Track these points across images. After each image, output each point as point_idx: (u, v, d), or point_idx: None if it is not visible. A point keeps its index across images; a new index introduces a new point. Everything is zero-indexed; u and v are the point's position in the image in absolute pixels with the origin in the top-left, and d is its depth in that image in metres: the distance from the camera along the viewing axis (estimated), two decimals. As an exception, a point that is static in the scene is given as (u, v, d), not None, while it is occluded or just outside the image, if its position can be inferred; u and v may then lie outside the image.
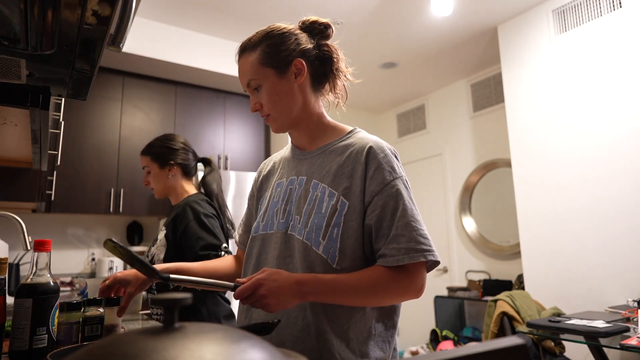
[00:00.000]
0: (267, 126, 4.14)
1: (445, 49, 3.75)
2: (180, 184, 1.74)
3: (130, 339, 0.28)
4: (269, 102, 0.95)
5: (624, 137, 2.60)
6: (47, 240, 0.96)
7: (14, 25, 0.61)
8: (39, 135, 1.17)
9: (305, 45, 0.97)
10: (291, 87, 0.96)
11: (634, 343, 1.61)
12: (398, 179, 0.90)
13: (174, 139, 1.76)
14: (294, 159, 1.05)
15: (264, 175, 1.13)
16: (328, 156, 0.97)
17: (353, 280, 0.83)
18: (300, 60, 0.95)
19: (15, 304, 0.90)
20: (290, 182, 1.00)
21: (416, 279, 0.85)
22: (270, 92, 0.95)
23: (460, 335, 3.90)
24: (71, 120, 3.16)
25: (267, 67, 0.94)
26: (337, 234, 0.87)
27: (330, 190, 0.91)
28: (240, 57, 0.98)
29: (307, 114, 0.99)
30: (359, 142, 0.95)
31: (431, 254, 0.85)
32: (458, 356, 0.28)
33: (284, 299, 0.78)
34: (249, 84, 0.96)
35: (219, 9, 3.20)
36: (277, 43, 0.95)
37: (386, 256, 0.85)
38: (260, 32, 0.97)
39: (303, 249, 0.89)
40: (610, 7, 2.73)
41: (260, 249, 0.99)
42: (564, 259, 2.83)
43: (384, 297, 0.87)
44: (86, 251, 3.55)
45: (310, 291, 0.81)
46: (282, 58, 0.94)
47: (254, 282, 0.78)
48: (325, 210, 0.89)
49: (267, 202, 1.03)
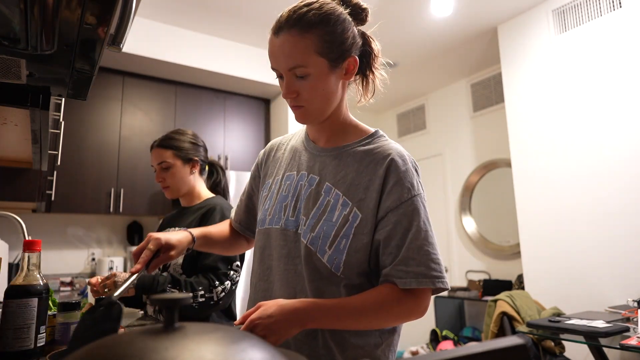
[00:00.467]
0: (267, 126, 4.14)
1: (445, 49, 3.75)
2: (199, 183, 1.66)
3: (130, 339, 0.28)
4: (310, 95, 0.85)
5: (623, 137, 2.60)
6: (37, 241, 0.95)
7: (14, 25, 0.61)
8: (39, 135, 1.17)
9: (358, 40, 0.88)
10: (337, 83, 0.87)
11: (634, 343, 1.61)
12: (416, 196, 0.84)
13: (196, 136, 1.67)
14: (306, 152, 0.97)
15: (272, 158, 1.05)
16: (344, 160, 0.90)
17: (356, 305, 0.80)
18: (355, 59, 0.87)
19: (14, 304, 0.90)
20: (300, 178, 0.93)
21: (420, 303, 0.82)
22: (315, 84, 0.83)
23: (460, 335, 3.90)
24: (71, 120, 3.16)
25: (321, 57, 0.82)
26: (345, 245, 0.83)
27: (344, 199, 0.85)
28: (286, 32, 0.81)
29: (338, 111, 0.92)
30: (380, 151, 0.88)
31: (440, 281, 0.80)
32: (458, 356, 0.28)
33: (284, 332, 0.75)
34: (292, 69, 0.82)
35: (219, 9, 3.20)
36: (338, 32, 0.83)
37: (393, 277, 0.80)
38: (313, 8, 0.81)
39: (307, 253, 0.85)
40: (610, 7, 2.73)
41: (265, 243, 0.94)
42: (564, 258, 2.83)
43: (387, 320, 0.83)
44: (86, 251, 3.55)
45: (309, 319, 0.77)
46: (339, 51, 0.84)
47: (248, 324, 0.74)
48: (336, 219, 0.84)
49: (275, 194, 0.96)
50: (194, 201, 1.65)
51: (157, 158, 1.60)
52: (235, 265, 1.52)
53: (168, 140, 1.61)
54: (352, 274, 0.83)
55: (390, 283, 0.82)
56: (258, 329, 0.74)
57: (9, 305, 0.89)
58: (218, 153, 3.79)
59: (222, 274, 1.46)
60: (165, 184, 1.60)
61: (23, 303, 0.90)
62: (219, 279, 1.45)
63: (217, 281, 1.44)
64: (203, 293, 1.41)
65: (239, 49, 3.73)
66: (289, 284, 0.87)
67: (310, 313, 0.77)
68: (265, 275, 0.93)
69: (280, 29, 0.82)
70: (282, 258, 0.89)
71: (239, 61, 3.70)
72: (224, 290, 1.45)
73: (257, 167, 1.10)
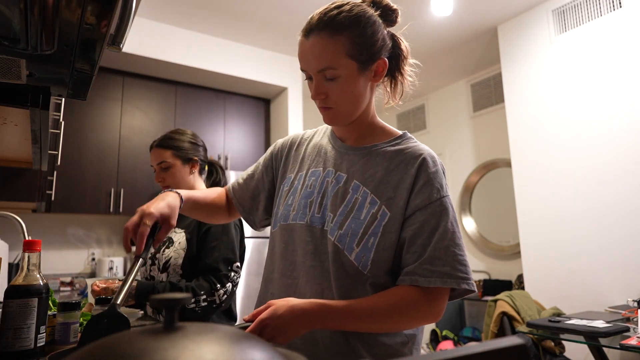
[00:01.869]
0: (267, 126, 4.14)
1: (445, 49, 3.75)
2: (198, 183, 1.66)
3: (130, 339, 0.28)
4: (340, 97, 0.85)
5: (623, 137, 2.60)
6: (37, 241, 0.95)
7: (14, 25, 0.61)
8: (39, 135, 1.17)
9: (388, 41, 0.88)
10: (366, 85, 0.87)
11: (634, 343, 1.61)
12: (445, 197, 0.84)
13: (195, 136, 1.67)
14: (333, 149, 0.96)
15: (292, 153, 1.03)
16: (373, 159, 0.90)
17: (367, 307, 0.79)
18: (384, 61, 0.87)
19: (14, 304, 0.90)
20: (327, 174, 0.92)
21: (435, 304, 0.81)
22: (345, 87, 0.84)
23: (460, 335, 3.90)
24: (71, 120, 3.16)
25: (351, 59, 0.82)
26: (373, 243, 0.82)
27: (372, 197, 0.85)
28: (316, 34, 0.82)
29: (366, 112, 0.92)
30: (410, 151, 0.88)
31: (465, 282, 0.79)
32: (458, 356, 0.28)
33: (292, 332, 0.76)
34: (321, 71, 0.83)
35: (219, 9, 3.20)
36: (369, 34, 0.83)
37: (415, 274, 0.79)
38: (344, 10, 0.82)
39: (334, 250, 0.85)
40: (610, 7, 2.73)
41: (288, 239, 0.92)
42: (564, 258, 2.83)
43: (400, 323, 0.82)
44: (86, 251, 3.55)
45: (318, 321, 0.78)
46: (369, 53, 0.84)
47: (258, 323, 0.75)
48: (364, 217, 0.84)
49: (299, 189, 0.95)
50: None
51: (156, 158, 1.60)
52: (236, 266, 1.51)
53: (167, 140, 1.60)
54: (379, 272, 0.83)
55: (407, 284, 0.81)
56: (267, 330, 0.74)
57: (9, 305, 0.89)
58: (218, 153, 3.79)
59: (223, 275, 1.46)
60: (165, 183, 1.60)
61: (23, 303, 0.90)
62: (220, 282, 1.44)
63: (218, 284, 1.43)
64: (205, 297, 1.40)
65: (239, 49, 3.73)
66: (315, 281, 0.87)
67: (320, 315, 0.77)
68: (289, 270, 0.91)
69: (311, 31, 0.83)
70: (309, 254, 0.88)
71: (239, 61, 3.70)
72: (226, 292, 1.45)
73: (272, 157, 1.08)
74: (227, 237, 1.50)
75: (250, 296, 3.23)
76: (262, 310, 0.77)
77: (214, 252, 1.47)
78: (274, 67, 3.88)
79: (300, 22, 0.86)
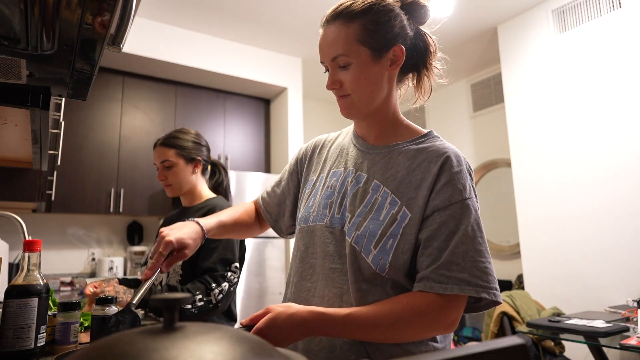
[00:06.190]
0: (267, 126, 4.14)
1: (445, 49, 3.73)
2: (201, 183, 1.66)
3: (130, 339, 0.28)
4: (354, 85, 0.83)
5: (623, 137, 2.60)
6: (37, 241, 0.95)
7: (14, 25, 0.61)
8: (39, 135, 1.17)
9: (408, 31, 0.86)
10: (382, 74, 0.85)
11: (634, 343, 1.61)
12: (468, 200, 0.79)
13: (199, 135, 1.68)
14: (355, 148, 0.94)
15: (316, 156, 1.02)
16: (395, 158, 0.86)
17: (369, 316, 0.75)
18: (401, 48, 0.84)
19: (15, 304, 0.90)
20: (347, 174, 0.90)
21: (449, 313, 0.75)
22: (358, 74, 0.83)
23: (460, 335, 3.90)
24: (71, 120, 3.16)
25: (363, 46, 0.82)
26: (392, 245, 0.79)
27: (393, 197, 0.82)
28: (331, 24, 0.83)
29: (386, 107, 0.89)
30: (434, 150, 0.85)
31: (485, 291, 0.73)
32: (458, 356, 0.28)
33: (290, 340, 0.74)
34: (335, 59, 0.83)
35: (219, 9, 3.20)
36: (382, 21, 0.82)
37: (431, 280, 0.75)
38: (361, 1, 0.83)
39: (351, 252, 0.82)
40: (609, 7, 2.73)
41: (309, 241, 0.90)
42: (564, 258, 2.83)
43: (407, 332, 0.76)
44: (86, 251, 3.55)
45: (318, 330, 0.76)
46: (383, 40, 0.82)
47: (255, 331, 0.73)
48: (383, 218, 0.81)
49: (320, 190, 0.93)
50: (194, 201, 1.64)
51: (159, 156, 1.60)
52: (234, 267, 1.51)
53: (171, 139, 1.61)
54: (398, 275, 0.79)
55: (419, 290, 0.76)
56: (265, 338, 0.73)
57: (10, 305, 0.89)
58: (218, 153, 3.79)
59: (219, 275, 1.45)
60: (167, 182, 1.60)
61: (23, 303, 0.90)
62: (215, 281, 1.44)
63: (213, 283, 1.43)
64: (201, 297, 1.40)
65: (239, 49, 3.73)
66: (334, 283, 0.84)
67: (320, 325, 0.75)
68: (309, 274, 0.90)
69: (327, 22, 0.84)
70: (328, 256, 0.86)
71: (239, 61, 3.70)
72: (221, 292, 1.44)
73: (296, 162, 1.07)
74: (226, 238, 1.50)
75: (251, 296, 3.23)
76: (261, 315, 0.75)
77: (213, 253, 1.47)
78: (274, 67, 3.88)
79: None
